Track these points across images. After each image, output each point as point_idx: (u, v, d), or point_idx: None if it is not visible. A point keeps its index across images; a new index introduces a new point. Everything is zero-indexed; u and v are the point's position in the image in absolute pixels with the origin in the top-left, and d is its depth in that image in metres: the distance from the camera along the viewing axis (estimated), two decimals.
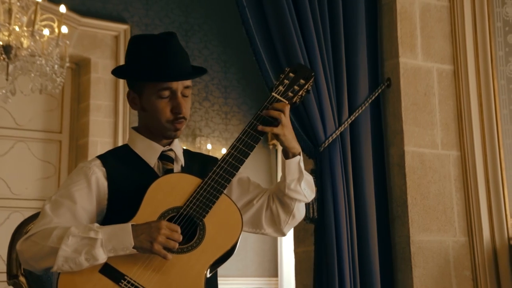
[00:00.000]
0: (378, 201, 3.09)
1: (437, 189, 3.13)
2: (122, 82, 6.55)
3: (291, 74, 2.00)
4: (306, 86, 2.00)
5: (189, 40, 6.76)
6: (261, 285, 6.30)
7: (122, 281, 1.77)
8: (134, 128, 2.05)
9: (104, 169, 1.94)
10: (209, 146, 6.62)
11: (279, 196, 2.02)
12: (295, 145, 1.96)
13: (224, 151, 6.47)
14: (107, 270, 1.78)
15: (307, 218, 2.98)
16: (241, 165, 1.91)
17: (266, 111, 1.91)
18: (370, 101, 3.14)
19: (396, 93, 3.17)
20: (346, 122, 3.07)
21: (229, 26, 6.73)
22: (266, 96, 1.99)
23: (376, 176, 3.11)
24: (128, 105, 6.43)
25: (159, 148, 2.00)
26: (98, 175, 1.92)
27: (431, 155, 3.15)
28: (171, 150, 2.02)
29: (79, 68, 6.70)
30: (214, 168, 1.89)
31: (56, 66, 5.01)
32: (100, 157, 1.99)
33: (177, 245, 1.76)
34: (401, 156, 3.10)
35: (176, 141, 2.05)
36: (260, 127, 1.91)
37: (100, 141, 6.43)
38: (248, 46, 3.06)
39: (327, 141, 3.01)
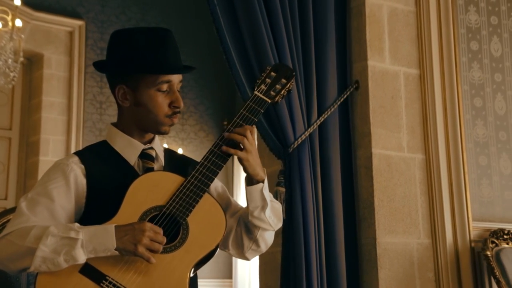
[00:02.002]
0: (345, 202, 3.10)
1: (403, 192, 3.17)
2: (76, 79, 6.40)
3: (272, 73, 1.99)
4: (288, 86, 2.00)
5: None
6: (215, 286, 6.26)
7: (104, 281, 1.71)
8: (114, 124, 1.99)
9: (82, 166, 1.87)
10: (165, 146, 6.55)
11: (245, 221, 1.96)
12: (259, 172, 1.90)
13: (180, 151, 6.41)
14: (88, 270, 1.71)
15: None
16: (224, 163, 1.89)
17: (228, 133, 1.86)
18: (339, 103, 3.16)
19: (364, 96, 3.19)
20: (315, 124, 3.07)
21: (187, 25, 6.67)
22: (224, 97, 1.97)
23: (343, 178, 3.12)
24: (82, 103, 6.37)
25: (139, 146, 1.94)
26: (77, 173, 1.85)
27: (397, 157, 3.18)
28: (151, 148, 1.97)
29: (31, 64, 6.51)
30: (197, 167, 1.86)
31: (10, 60, 4.87)
32: (78, 153, 1.92)
33: (161, 248, 1.71)
34: (368, 158, 3.13)
35: (156, 139, 2.00)
36: (224, 148, 1.84)
37: (52, 139, 6.27)
38: (206, 45, 3.04)
39: (296, 142, 3.00)
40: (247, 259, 2.07)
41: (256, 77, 3.01)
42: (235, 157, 1.89)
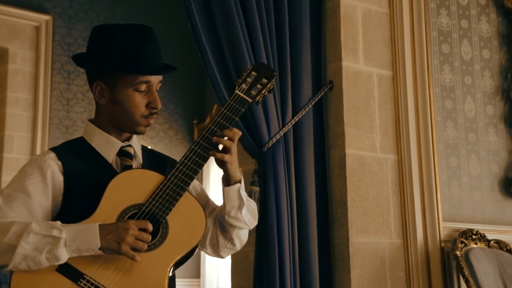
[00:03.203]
0: (318, 202, 3.11)
1: (375, 192, 3.19)
2: (42, 75, 6.29)
3: (253, 73, 1.99)
4: (269, 85, 2.00)
5: None
6: (183, 286, 6.22)
7: (82, 280, 1.68)
8: (91, 121, 1.95)
9: (59, 162, 1.83)
10: None
11: (220, 220, 1.98)
12: (238, 173, 1.92)
13: None
14: (65, 269, 1.68)
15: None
16: (205, 162, 1.87)
17: (217, 138, 1.85)
18: (313, 102, 3.17)
19: (338, 96, 3.21)
20: (289, 123, 3.08)
21: (156, 23, 6.61)
22: (194, 96, 1.96)
23: (317, 178, 3.13)
24: (49, 99, 6.26)
25: (118, 144, 1.92)
26: (54, 169, 1.82)
27: (370, 158, 3.21)
28: (130, 146, 1.95)
29: None
30: (177, 165, 1.84)
31: None
32: (54, 149, 1.88)
33: (146, 246, 1.69)
34: (342, 158, 3.14)
35: (134, 137, 1.98)
36: (211, 153, 1.84)
37: (17, 135, 6.14)
38: (176, 43, 3.01)
39: (270, 141, 3.00)
40: (221, 257, 2.08)
41: (231, 76, 3.01)
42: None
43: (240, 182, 1.92)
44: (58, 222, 1.69)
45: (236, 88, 1.96)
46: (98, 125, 1.92)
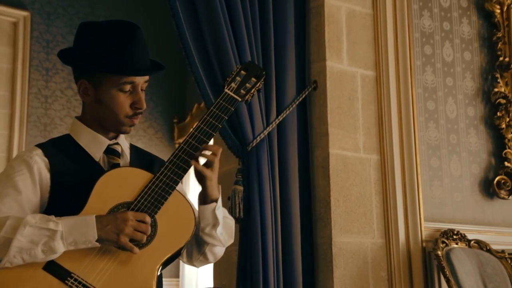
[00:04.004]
0: (302, 202, 3.11)
1: (358, 192, 3.20)
2: (20, 72, 6.21)
3: (242, 72, 2.00)
4: (258, 85, 2.01)
5: None
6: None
7: (69, 279, 1.66)
8: (78, 118, 1.93)
9: (46, 159, 1.81)
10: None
11: (196, 232, 1.95)
12: (216, 192, 1.91)
13: None
14: (52, 267, 1.66)
15: (233, 218, 2.95)
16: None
17: (199, 152, 1.84)
18: (297, 102, 3.17)
19: (322, 96, 3.21)
20: (273, 123, 3.07)
21: (136, 20, 6.54)
22: (175, 94, 1.95)
23: (301, 177, 3.13)
24: (27, 96, 6.18)
25: (105, 142, 1.90)
26: (40, 166, 1.80)
27: (353, 158, 3.22)
28: (117, 144, 1.93)
29: None
30: (166, 164, 1.83)
31: None
32: (41, 146, 1.86)
33: (145, 238, 1.68)
34: (325, 158, 3.15)
35: (122, 135, 1.96)
36: (193, 162, 1.83)
37: None
38: (156, 41, 2.98)
39: (255, 140, 3.00)
40: (196, 266, 2.08)
41: (216, 75, 3.00)
42: None
43: (216, 201, 1.91)
44: (53, 216, 1.67)
45: (225, 87, 1.96)
46: (85, 123, 1.91)
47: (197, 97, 6.48)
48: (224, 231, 1.95)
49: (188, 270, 6.07)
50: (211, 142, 1.93)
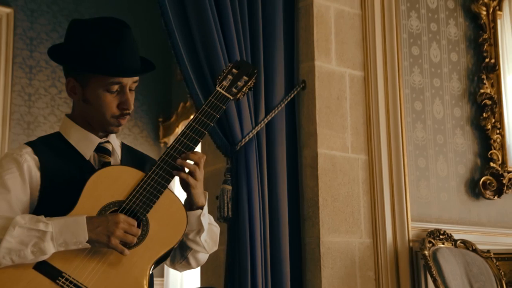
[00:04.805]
0: (290, 201, 3.11)
1: (346, 192, 3.21)
2: (3, 70, 6.13)
3: (234, 70, 1.99)
4: (250, 83, 2.00)
5: None
6: None
7: (60, 278, 1.64)
8: (68, 116, 1.91)
9: (36, 157, 1.79)
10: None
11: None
12: (201, 199, 1.89)
13: None
14: (43, 267, 1.64)
15: (221, 217, 2.95)
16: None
17: (180, 160, 1.82)
18: (286, 102, 3.17)
19: (310, 96, 3.21)
20: (262, 122, 3.07)
21: (120, 17, 6.50)
22: (160, 93, 1.93)
23: (289, 177, 3.13)
24: (9, 94, 6.10)
25: (95, 140, 1.88)
26: (30, 164, 1.77)
27: (341, 158, 3.22)
28: (108, 142, 1.91)
29: None
30: (158, 162, 1.82)
31: None
32: (30, 144, 1.83)
33: (135, 240, 1.67)
34: (314, 158, 3.15)
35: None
36: (175, 173, 1.80)
37: None
38: (142, 39, 2.96)
39: (243, 140, 2.99)
40: (178, 270, 2.07)
41: (204, 73, 2.99)
42: None
43: (202, 208, 1.88)
44: (42, 216, 1.65)
45: (217, 85, 1.95)
46: (75, 121, 1.89)
47: (183, 96, 6.47)
48: (208, 238, 1.94)
49: (173, 270, 6.04)
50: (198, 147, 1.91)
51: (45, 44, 6.31)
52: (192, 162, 1.84)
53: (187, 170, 1.84)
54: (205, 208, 1.91)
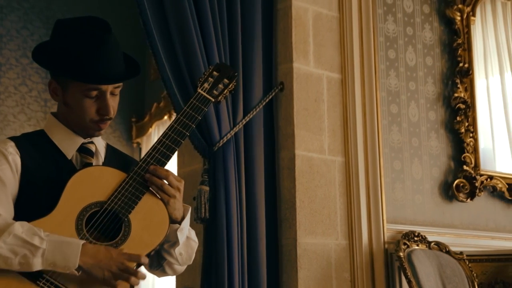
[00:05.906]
0: (268, 203, 3.11)
1: (323, 193, 3.22)
2: None
3: (215, 73, 2.00)
4: (230, 86, 2.00)
5: (50, 28, 6.37)
6: None
7: (41, 279, 1.61)
8: (54, 114, 1.88)
9: (18, 152, 1.76)
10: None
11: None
12: (178, 214, 1.84)
13: None
14: None
15: (198, 218, 2.94)
16: (168, 161, 1.84)
17: (148, 175, 1.78)
18: (264, 103, 3.17)
19: (288, 97, 3.22)
20: (240, 123, 3.06)
21: (92, 15, 6.41)
22: (133, 94, 1.92)
23: (267, 178, 3.13)
24: None
25: (79, 140, 1.85)
26: (15, 158, 1.75)
27: (318, 160, 3.23)
28: (91, 143, 1.88)
29: None
30: (140, 163, 1.80)
31: None
32: (13, 139, 1.80)
33: (130, 279, 1.64)
34: (291, 159, 3.16)
35: None
36: (149, 184, 1.78)
37: None
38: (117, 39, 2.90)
39: (221, 141, 2.98)
40: (156, 275, 2.05)
41: (183, 74, 2.97)
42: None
43: (180, 222, 1.85)
44: (42, 230, 1.62)
45: (198, 87, 1.95)
46: (60, 120, 1.86)
47: (156, 96, 6.42)
48: (184, 252, 1.92)
49: (144, 270, 5.99)
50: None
51: (15, 42, 6.20)
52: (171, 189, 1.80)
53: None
54: (186, 221, 1.87)
